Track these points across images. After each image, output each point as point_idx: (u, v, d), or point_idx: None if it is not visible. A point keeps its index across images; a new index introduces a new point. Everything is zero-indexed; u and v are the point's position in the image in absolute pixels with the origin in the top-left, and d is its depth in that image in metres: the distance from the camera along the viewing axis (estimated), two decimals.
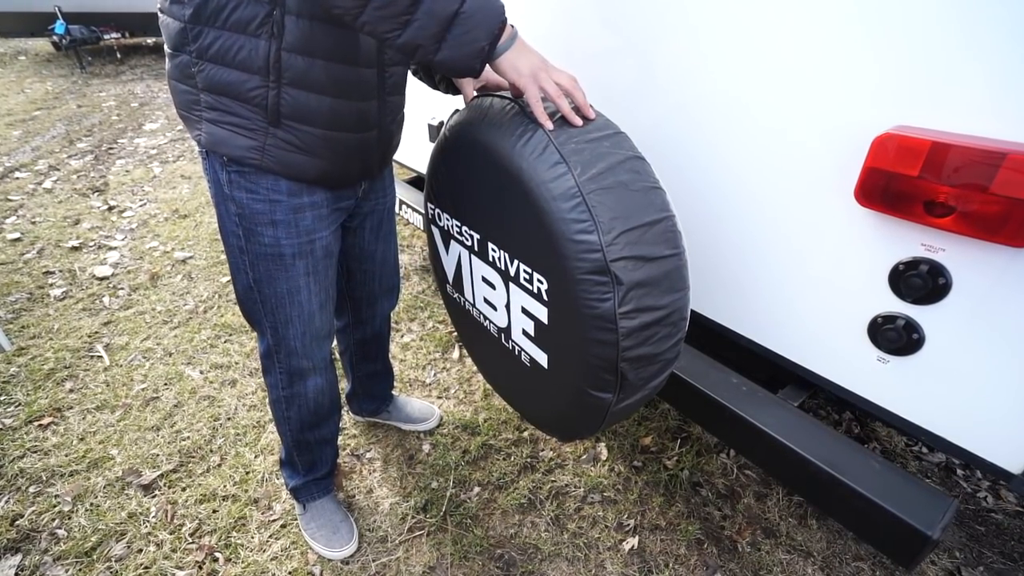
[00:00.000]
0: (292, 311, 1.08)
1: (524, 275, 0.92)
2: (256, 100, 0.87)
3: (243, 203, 0.97)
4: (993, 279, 0.76)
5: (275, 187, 0.96)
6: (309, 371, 1.18)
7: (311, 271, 1.07)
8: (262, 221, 0.98)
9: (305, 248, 1.04)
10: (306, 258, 1.05)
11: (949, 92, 0.73)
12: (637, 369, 0.83)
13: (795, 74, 0.88)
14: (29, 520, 1.40)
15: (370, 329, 1.43)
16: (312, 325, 1.13)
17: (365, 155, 1.03)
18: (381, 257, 1.31)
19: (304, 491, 1.36)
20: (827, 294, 0.96)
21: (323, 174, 0.98)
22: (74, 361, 1.97)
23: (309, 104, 0.88)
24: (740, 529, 1.40)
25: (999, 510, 1.46)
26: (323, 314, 1.14)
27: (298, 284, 1.06)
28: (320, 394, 1.23)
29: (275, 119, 0.89)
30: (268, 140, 0.90)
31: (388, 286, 1.38)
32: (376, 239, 1.27)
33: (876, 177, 0.80)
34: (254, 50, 0.83)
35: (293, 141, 0.91)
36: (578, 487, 1.50)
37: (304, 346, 1.14)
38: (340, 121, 0.93)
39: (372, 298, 1.37)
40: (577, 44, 1.24)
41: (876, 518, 0.87)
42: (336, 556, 1.32)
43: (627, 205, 0.77)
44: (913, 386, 0.90)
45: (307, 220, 1.01)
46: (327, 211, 1.05)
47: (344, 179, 1.04)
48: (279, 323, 1.10)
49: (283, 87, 0.86)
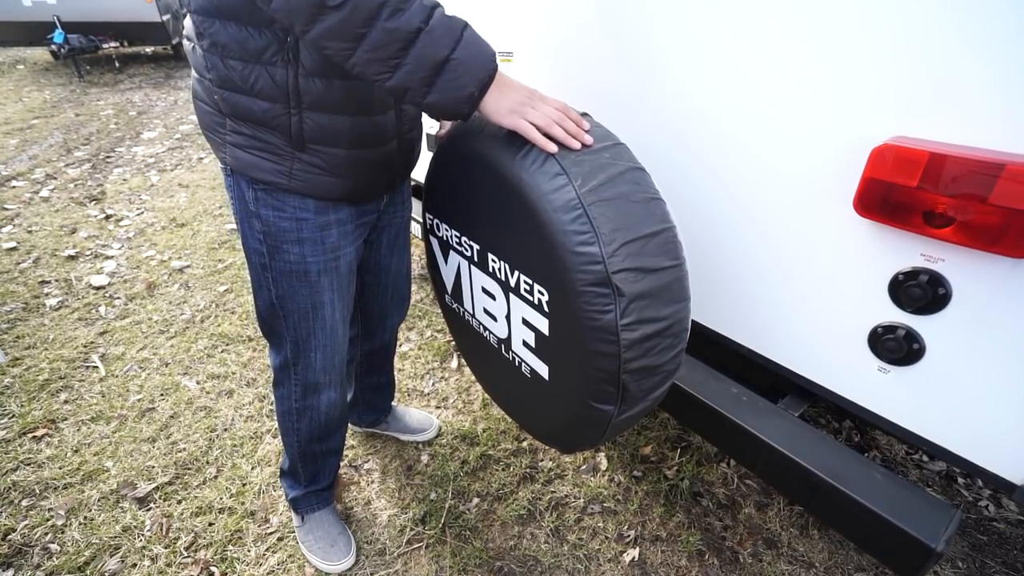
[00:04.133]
0: (315, 325, 1.08)
1: (525, 286, 0.92)
2: (280, 127, 0.88)
3: (269, 221, 0.97)
4: (993, 289, 0.76)
5: (303, 205, 0.96)
6: (325, 385, 1.18)
7: (335, 287, 1.07)
8: (288, 239, 0.99)
9: (331, 265, 1.04)
10: (331, 275, 1.05)
11: (947, 103, 0.74)
12: (639, 381, 0.82)
13: (794, 85, 0.88)
14: (22, 534, 1.38)
15: (378, 341, 1.43)
16: (335, 339, 1.13)
17: (388, 168, 1.03)
18: (395, 269, 1.31)
19: (304, 502, 1.35)
20: (827, 304, 0.96)
21: (350, 192, 0.99)
22: (69, 372, 1.96)
23: (332, 126, 0.89)
24: (741, 540, 1.39)
25: (1001, 519, 1.46)
26: (344, 328, 1.15)
27: (322, 300, 1.06)
28: (332, 407, 1.22)
29: (300, 144, 0.89)
30: (295, 165, 0.91)
31: (400, 298, 1.38)
32: (392, 252, 1.27)
33: (875, 188, 0.80)
34: (272, 78, 0.84)
35: (319, 163, 0.92)
36: (578, 498, 1.49)
37: (324, 360, 1.14)
38: (362, 138, 0.94)
39: (384, 311, 1.37)
40: (577, 54, 1.25)
41: (878, 529, 0.86)
42: (333, 570, 1.30)
43: (628, 216, 0.77)
44: (914, 396, 0.90)
45: (333, 237, 1.02)
46: (352, 227, 1.05)
47: (370, 194, 1.05)
48: (300, 338, 1.09)
49: (304, 112, 0.87)
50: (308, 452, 1.27)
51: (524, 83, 0.84)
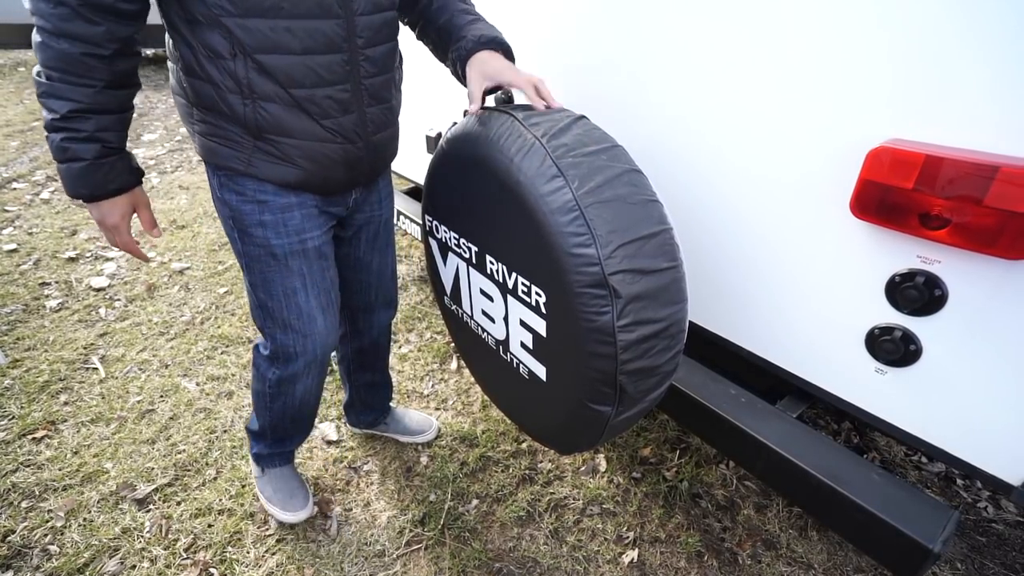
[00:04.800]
0: (291, 314, 1.10)
1: (522, 288, 0.92)
2: (236, 116, 0.91)
3: (233, 204, 1.01)
4: (989, 291, 0.76)
5: (261, 188, 0.99)
6: (303, 376, 1.19)
7: (305, 271, 1.08)
8: (252, 221, 1.01)
9: (296, 248, 1.05)
10: (299, 258, 1.06)
11: (943, 105, 0.74)
12: (636, 382, 0.83)
13: (791, 88, 0.88)
14: (21, 536, 1.38)
15: (367, 339, 1.43)
16: (314, 328, 1.13)
17: (351, 166, 1.03)
18: (377, 268, 1.31)
19: (267, 459, 1.41)
20: (824, 305, 0.96)
21: (305, 181, 1.00)
22: (69, 373, 1.96)
23: (285, 117, 0.91)
24: (740, 541, 1.39)
25: (1000, 520, 1.45)
26: (324, 318, 1.14)
27: (294, 285, 1.08)
28: (307, 394, 1.25)
29: (256, 133, 0.93)
30: (253, 153, 0.95)
31: (385, 298, 1.38)
32: (372, 250, 1.27)
33: (871, 189, 0.81)
34: (227, 70, 0.86)
35: (274, 152, 0.95)
36: (577, 499, 1.49)
37: (304, 353, 1.15)
38: (316, 133, 0.95)
39: (369, 308, 1.37)
40: (574, 57, 1.26)
41: (877, 530, 0.86)
42: (291, 519, 1.37)
43: (625, 218, 0.78)
44: (911, 397, 0.90)
45: (296, 219, 1.03)
46: (316, 211, 1.06)
47: (328, 186, 1.05)
48: (278, 329, 1.12)
49: (258, 102, 0.89)
50: (278, 426, 1.32)
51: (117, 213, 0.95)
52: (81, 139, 0.83)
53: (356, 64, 0.94)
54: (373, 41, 0.95)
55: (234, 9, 0.81)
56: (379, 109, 1.02)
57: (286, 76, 0.88)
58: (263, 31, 0.84)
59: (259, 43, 0.84)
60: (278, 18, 0.84)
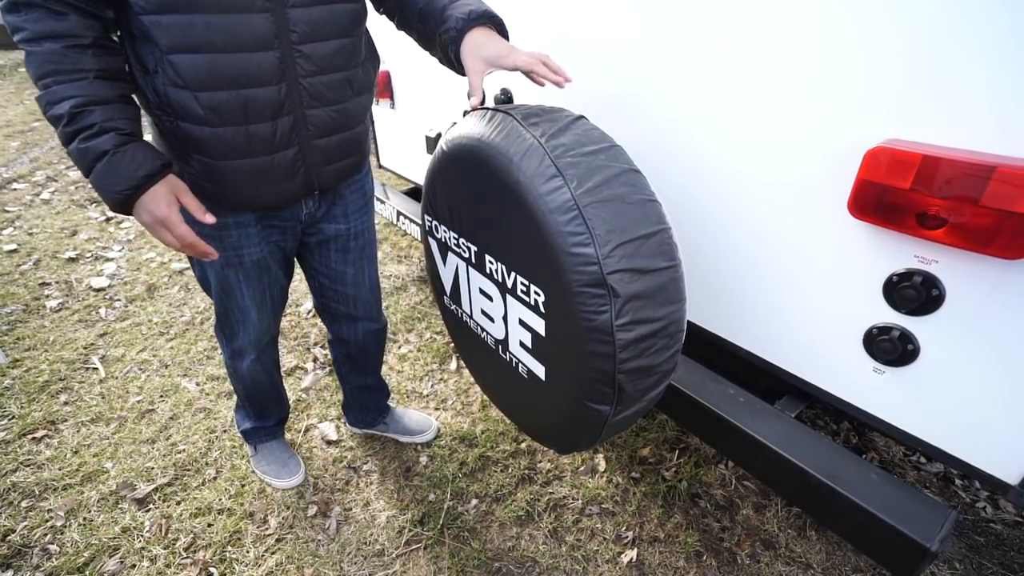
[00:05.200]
0: (231, 305, 1.18)
1: (521, 287, 0.92)
2: (166, 134, 0.91)
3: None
4: (986, 290, 0.77)
5: None
6: (246, 352, 1.30)
7: (242, 279, 1.13)
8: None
9: (233, 261, 1.09)
10: (235, 269, 1.10)
11: (940, 106, 0.75)
12: (634, 381, 0.83)
13: (789, 88, 0.89)
14: (21, 535, 1.38)
15: (353, 346, 1.44)
16: (249, 319, 1.21)
17: (282, 178, 0.97)
18: (353, 280, 1.28)
19: (254, 435, 1.53)
20: (822, 305, 0.96)
21: (234, 203, 0.99)
22: (69, 373, 1.96)
23: (201, 136, 0.88)
24: (739, 541, 1.39)
25: (998, 520, 1.46)
26: (261, 315, 1.22)
27: (231, 287, 1.14)
28: (254, 373, 1.34)
29: (183, 152, 0.92)
30: (185, 168, 0.94)
31: (366, 312, 1.36)
32: (344, 262, 1.24)
33: (869, 189, 0.81)
34: (153, 87, 0.86)
35: (201, 171, 0.93)
36: (576, 499, 1.49)
37: (243, 333, 1.24)
38: (233, 147, 0.90)
39: (350, 318, 1.37)
40: (572, 57, 1.26)
41: (874, 530, 0.87)
42: (284, 485, 1.50)
43: (623, 218, 0.78)
44: (909, 397, 0.91)
45: (232, 237, 1.05)
46: (256, 229, 1.07)
47: (264, 204, 1.02)
48: (221, 311, 1.21)
49: (178, 121, 0.87)
50: (250, 398, 1.44)
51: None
52: (94, 133, 0.80)
53: (291, 62, 0.88)
54: (311, 36, 0.89)
55: (148, 5, 0.79)
56: (325, 111, 0.96)
57: (207, 76, 0.83)
58: (179, 27, 0.80)
59: (174, 41, 0.81)
60: (195, 13, 0.80)
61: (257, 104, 0.88)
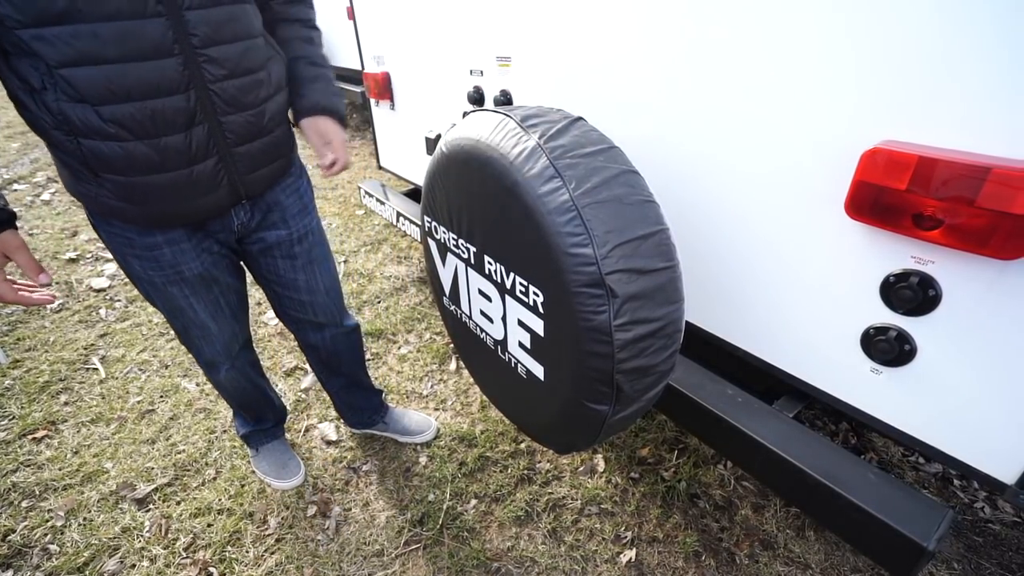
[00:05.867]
0: (186, 322, 1.14)
1: (520, 288, 0.93)
2: (69, 152, 0.82)
3: (106, 238, 0.98)
4: (982, 291, 0.77)
5: (123, 226, 0.94)
6: (220, 363, 1.27)
7: (189, 294, 1.07)
8: (127, 254, 0.99)
9: (173, 278, 1.03)
10: (178, 285, 1.04)
11: (936, 107, 0.75)
12: (632, 381, 0.83)
13: (785, 90, 0.89)
14: (21, 535, 1.38)
15: (324, 352, 1.40)
16: (209, 332, 1.18)
17: (203, 190, 0.92)
18: (306, 287, 1.22)
19: (254, 437, 1.54)
20: (820, 305, 0.97)
21: (155, 220, 0.93)
22: (69, 374, 1.97)
23: (108, 152, 0.82)
24: (738, 541, 1.39)
25: (997, 520, 1.46)
26: (218, 324, 1.17)
27: (179, 305, 1.08)
28: (234, 381, 1.33)
29: (92, 172, 0.84)
30: (98, 190, 0.87)
31: (328, 317, 1.31)
32: (293, 269, 1.19)
33: (865, 190, 0.81)
34: (45, 104, 0.78)
35: (112, 190, 0.86)
36: (575, 499, 1.49)
37: (208, 346, 1.22)
38: (144, 162, 0.84)
39: (314, 322, 1.31)
40: (572, 58, 1.27)
41: (872, 529, 0.87)
42: (285, 486, 1.50)
43: (621, 218, 0.78)
44: (906, 397, 0.91)
45: (166, 255, 0.99)
46: (189, 245, 1.00)
47: (188, 218, 0.96)
48: (179, 329, 1.17)
49: (80, 139, 0.80)
50: (243, 405, 1.44)
51: None
52: None
53: (197, 67, 0.83)
54: (214, 39, 0.84)
55: (23, 18, 0.71)
56: (242, 116, 0.91)
57: (101, 90, 0.77)
58: (64, 39, 0.73)
59: (62, 55, 0.73)
60: (78, 23, 0.73)
61: (166, 115, 0.82)
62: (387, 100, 2.20)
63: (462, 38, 1.62)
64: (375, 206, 2.37)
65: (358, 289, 2.51)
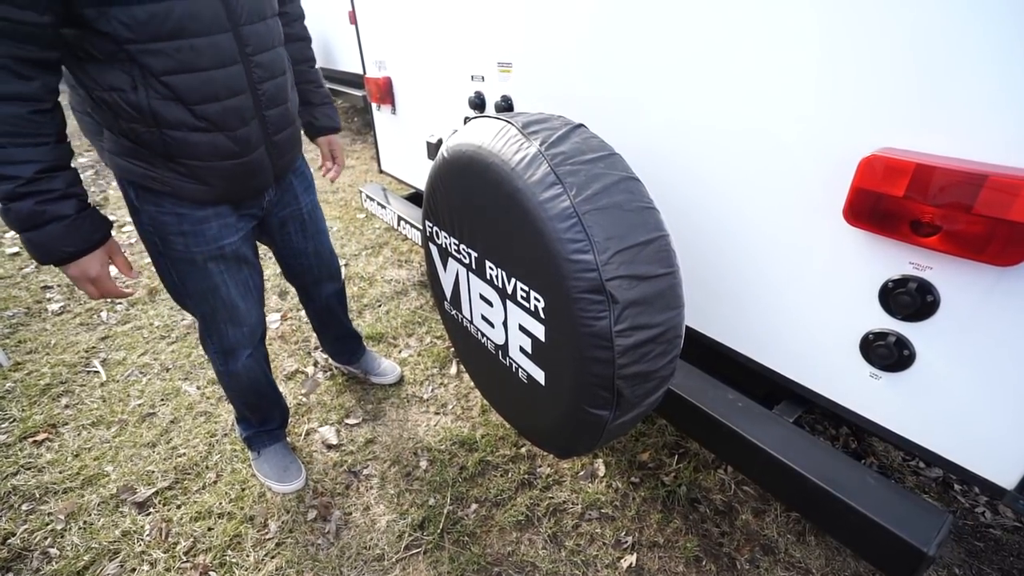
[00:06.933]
0: (216, 303, 1.22)
1: (521, 293, 0.93)
2: (144, 143, 0.97)
3: (152, 215, 1.07)
4: (980, 296, 0.78)
5: (178, 202, 1.06)
6: (240, 349, 1.33)
7: (224, 271, 1.19)
8: (172, 231, 1.09)
9: (215, 253, 1.15)
10: (217, 261, 1.17)
11: (934, 115, 0.76)
12: (633, 386, 0.84)
13: (784, 97, 0.90)
14: (21, 539, 1.38)
15: (319, 304, 1.65)
16: (237, 314, 1.27)
17: (258, 172, 1.13)
18: (314, 251, 1.48)
19: (257, 440, 1.55)
20: (819, 311, 0.97)
21: (218, 197, 1.09)
22: (70, 376, 1.97)
23: (193, 141, 0.98)
24: (738, 546, 1.39)
25: (997, 525, 1.46)
26: (246, 304, 1.28)
27: (215, 282, 1.19)
28: (251, 371, 1.38)
29: (167, 156, 0.99)
30: (166, 173, 1.02)
31: (328, 273, 1.58)
32: (304, 238, 1.43)
33: (863, 197, 0.82)
34: (127, 102, 0.92)
35: (185, 173, 1.02)
36: (576, 504, 1.49)
37: (233, 331, 1.29)
38: (225, 150, 1.03)
39: (316, 282, 1.57)
40: (572, 65, 1.28)
41: (872, 534, 0.87)
42: (285, 490, 1.50)
43: (622, 225, 0.79)
44: (905, 401, 0.91)
45: (213, 229, 1.13)
46: (233, 219, 1.17)
47: (240, 197, 1.15)
48: (206, 313, 1.24)
49: (163, 130, 0.95)
50: (249, 404, 1.47)
51: None
52: (56, 198, 0.85)
53: (250, 71, 1.02)
54: (260, 48, 1.03)
55: (137, 37, 0.85)
56: (277, 111, 1.11)
57: (197, 93, 0.94)
58: (169, 53, 0.89)
59: (166, 66, 0.89)
60: (181, 38, 0.89)
61: (238, 111, 1.02)
62: (388, 104, 2.21)
63: (463, 44, 1.63)
64: (376, 210, 2.38)
65: (359, 293, 2.52)
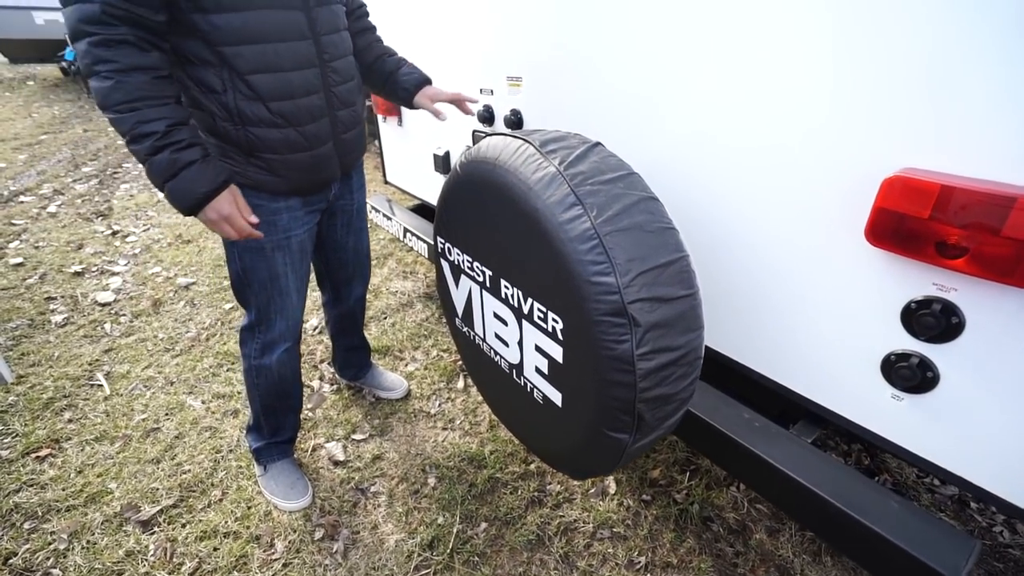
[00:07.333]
0: (274, 292, 1.29)
1: (539, 314, 0.92)
2: (232, 139, 1.08)
3: None
4: (1007, 319, 0.77)
5: (255, 194, 1.15)
6: (280, 343, 1.39)
7: (288, 262, 1.27)
8: None
9: (283, 243, 1.24)
10: (283, 251, 1.25)
11: (958, 135, 0.75)
12: (654, 409, 0.82)
13: (807, 116, 0.90)
14: (23, 559, 1.36)
15: (345, 307, 1.70)
16: (290, 304, 1.34)
17: (326, 166, 1.23)
18: (353, 247, 1.56)
19: (266, 452, 1.55)
20: (840, 331, 0.96)
21: (292, 189, 1.19)
22: (74, 390, 1.95)
23: (269, 137, 1.09)
24: (753, 566, 1.37)
25: (1016, 545, 1.44)
26: (299, 297, 1.36)
27: (277, 271, 1.27)
28: (283, 366, 1.42)
29: (249, 151, 1.10)
30: (248, 168, 1.12)
31: (361, 273, 1.66)
32: (348, 233, 1.51)
33: (886, 218, 0.81)
34: (224, 104, 1.04)
35: (264, 167, 1.13)
36: (587, 522, 1.47)
37: (281, 322, 1.35)
38: (294, 145, 1.13)
39: (348, 281, 1.63)
40: (583, 79, 1.27)
41: (896, 560, 0.85)
42: (291, 507, 1.49)
43: (643, 246, 0.78)
44: (928, 424, 0.90)
45: (284, 220, 1.22)
46: (302, 212, 1.26)
47: (311, 189, 1.25)
48: (262, 303, 1.31)
49: (247, 127, 1.07)
50: (268, 407, 1.47)
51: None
52: (185, 146, 0.96)
53: (326, 75, 1.14)
54: (336, 55, 1.16)
55: (228, 39, 0.99)
56: (347, 112, 1.23)
57: (276, 91, 1.05)
58: (254, 55, 1.01)
59: (251, 66, 1.02)
60: (267, 42, 1.02)
61: (310, 110, 1.13)
62: (395, 116, 2.21)
63: (472, 57, 1.63)
64: (381, 221, 2.37)
65: None
